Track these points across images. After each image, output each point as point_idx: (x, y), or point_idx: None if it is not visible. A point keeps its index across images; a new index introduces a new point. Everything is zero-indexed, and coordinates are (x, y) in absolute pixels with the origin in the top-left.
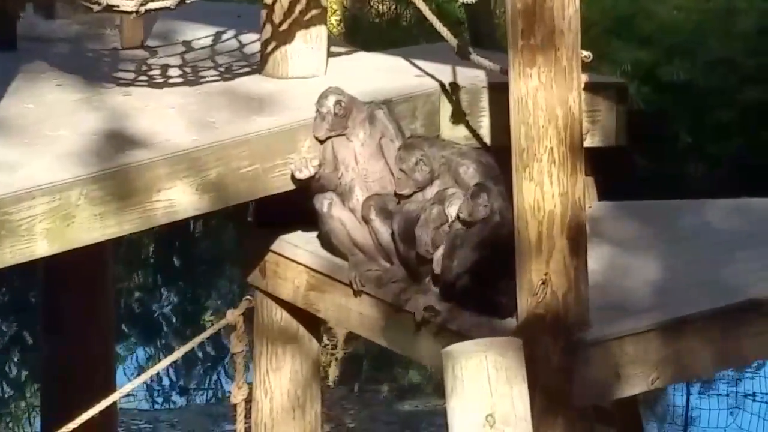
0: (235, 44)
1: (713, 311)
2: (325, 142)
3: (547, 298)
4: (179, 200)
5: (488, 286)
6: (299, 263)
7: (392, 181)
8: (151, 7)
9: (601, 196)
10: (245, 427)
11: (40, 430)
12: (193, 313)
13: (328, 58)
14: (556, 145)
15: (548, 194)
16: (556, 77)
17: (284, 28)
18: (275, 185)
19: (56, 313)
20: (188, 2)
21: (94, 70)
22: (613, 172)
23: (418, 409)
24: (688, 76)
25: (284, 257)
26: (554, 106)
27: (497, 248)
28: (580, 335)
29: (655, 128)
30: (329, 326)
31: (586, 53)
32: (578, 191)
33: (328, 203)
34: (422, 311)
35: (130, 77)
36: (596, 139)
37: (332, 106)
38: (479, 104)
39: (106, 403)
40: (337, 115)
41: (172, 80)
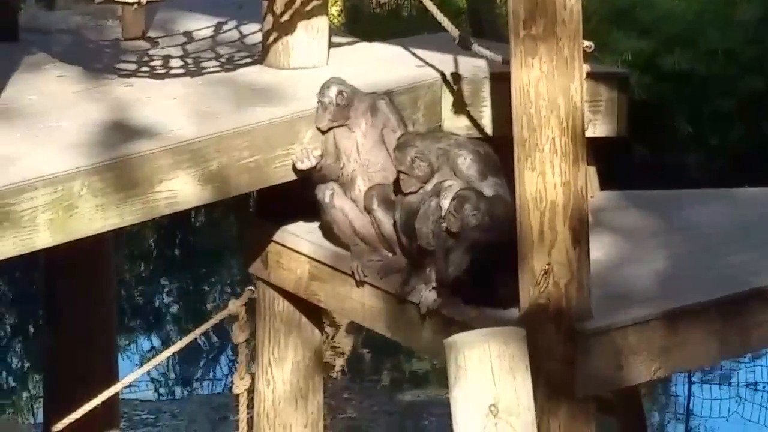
0: (236, 35)
1: (716, 300)
2: (326, 132)
3: (549, 288)
4: (181, 191)
5: (486, 284)
6: (301, 253)
7: (394, 171)
8: None
9: (603, 185)
10: (248, 417)
11: (42, 420)
12: (195, 303)
13: (329, 48)
14: (558, 135)
15: (550, 184)
16: (557, 67)
17: (286, 18)
18: (277, 176)
19: (58, 303)
20: None
21: (95, 61)
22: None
23: (419, 399)
24: (688, 65)
25: (286, 247)
26: (556, 96)
27: (492, 247)
28: (582, 325)
29: (655, 118)
30: (332, 316)
31: (587, 43)
32: (580, 181)
33: (330, 193)
34: (426, 305)
35: (131, 68)
36: (598, 129)
37: (334, 96)
38: (481, 94)
39: (108, 393)
40: (339, 105)
41: (173, 71)
